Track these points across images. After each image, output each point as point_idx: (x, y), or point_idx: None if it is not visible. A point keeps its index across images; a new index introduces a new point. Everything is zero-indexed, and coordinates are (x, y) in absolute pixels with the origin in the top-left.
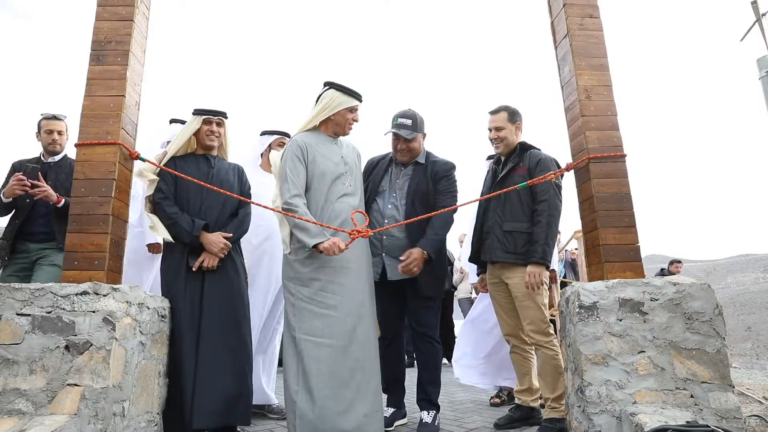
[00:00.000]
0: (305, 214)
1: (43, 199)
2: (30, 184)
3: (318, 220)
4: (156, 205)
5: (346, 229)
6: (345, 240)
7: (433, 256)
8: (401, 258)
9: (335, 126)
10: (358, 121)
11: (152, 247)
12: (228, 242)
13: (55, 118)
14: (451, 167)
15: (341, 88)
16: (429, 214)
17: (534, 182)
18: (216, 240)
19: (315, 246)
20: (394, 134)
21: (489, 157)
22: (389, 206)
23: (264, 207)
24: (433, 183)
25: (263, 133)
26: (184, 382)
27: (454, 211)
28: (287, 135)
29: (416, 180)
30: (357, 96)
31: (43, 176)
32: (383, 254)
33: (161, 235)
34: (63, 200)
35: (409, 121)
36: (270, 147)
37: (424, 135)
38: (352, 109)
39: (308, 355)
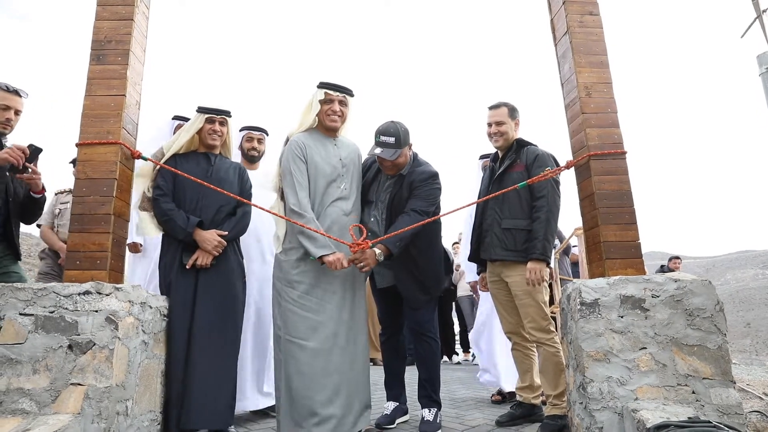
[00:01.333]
0: (312, 220)
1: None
2: (24, 158)
3: None
4: (153, 201)
5: (339, 236)
6: (340, 248)
7: (395, 251)
8: (350, 258)
9: (321, 122)
10: (338, 112)
11: (129, 247)
12: (223, 240)
13: (16, 93)
14: (428, 177)
15: (319, 84)
16: (413, 225)
17: (534, 180)
18: (210, 237)
19: (319, 257)
20: (380, 156)
21: (482, 156)
22: (371, 219)
23: (265, 210)
24: (407, 193)
25: (240, 129)
26: (173, 381)
27: (432, 216)
28: (256, 129)
29: (394, 193)
30: (330, 86)
31: None
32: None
33: (145, 233)
34: (43, 194)
35: (391, 139)
36: (240, 143)
37: (410, 145)
38: (326, 101)
39: (291, 356)
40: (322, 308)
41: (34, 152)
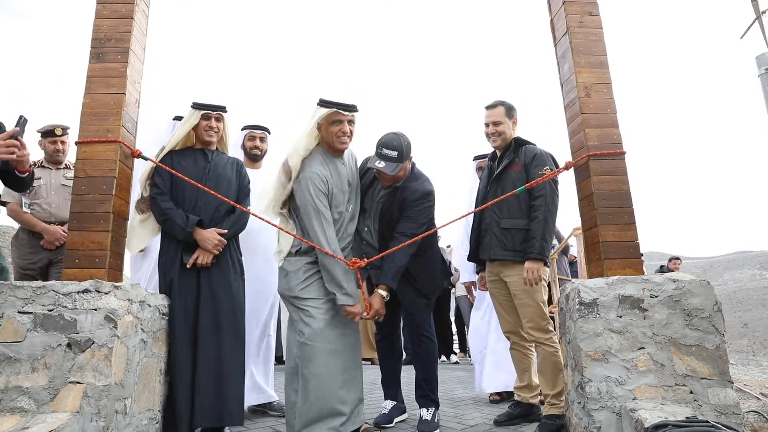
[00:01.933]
0: (343, 263)
1: None
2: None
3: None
4: (151, 200)
5: (346, 258)
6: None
7: (395, 286)
8: (364, 314)
9: (329, 143)
10: (348, 133)
11: None
12: (223, 239)
13: None
14: (420, 197)
15: (321, 102)
16: (404, 247)
17: (533, 184)
18: (210, 236)
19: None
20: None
21: (476, 158)
22: (365, 229)
23: (270, 223)
24: (399, 211)
25: (242, 129)
26: (178, 380)
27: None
28: (258, 128)
29: (387, 206)
30: (339, 106)
31: None
32: (367, 267)
33: (130, 247)
34: (31, 172)
35: (394, 153)
36: (243, 142)
37: (410, 158)
38: (334, 122)
39: (309, 358)
40: (331, 309)
41: (22, 124)
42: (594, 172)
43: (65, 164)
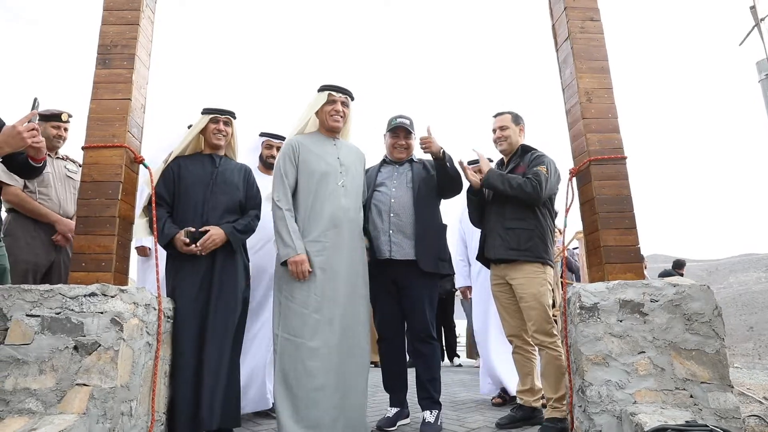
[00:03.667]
0: (290, 216)
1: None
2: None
3: (307, 218)
4: (148, 206)
5: (336, 231)
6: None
7: (449, 164)
8: (421, 137)
9: (323, 123)
10: (341, 112)
11: (138, 250)
12: (192, 248)
13: None
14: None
15: (320, 87)
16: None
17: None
18: (177, 243)
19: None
20: (400, 126)
21: (469, 162)
22: (393, 189)
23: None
24: (432, 172)
25: (260, 135)
26: (181, 382)
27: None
28: (276, 137)
29: (418, 171)
30: (332, 88)
31: None
32: (390, 231)
33: (140, 235)
34: (44, 160)
35: (407, 121)
36: (261, 149)
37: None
38: (329, 102)
39: (287, 354)
40: (322, 307)
41: (36, 108)
42: (595, 177)
43: (63, 155)
